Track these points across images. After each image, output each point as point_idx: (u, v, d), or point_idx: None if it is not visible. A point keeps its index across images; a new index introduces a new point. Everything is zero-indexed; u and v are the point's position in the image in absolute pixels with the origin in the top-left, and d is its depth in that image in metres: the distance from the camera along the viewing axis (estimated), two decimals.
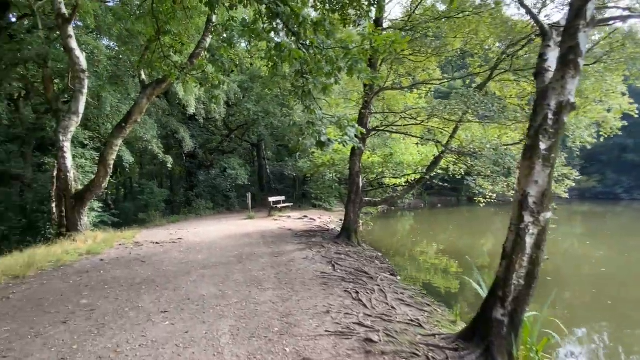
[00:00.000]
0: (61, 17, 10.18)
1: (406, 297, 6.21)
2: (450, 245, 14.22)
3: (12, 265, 8.02)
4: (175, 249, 9.87)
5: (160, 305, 5.59)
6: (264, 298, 5.84)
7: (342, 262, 8.07)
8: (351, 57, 4.74)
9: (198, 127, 21.79)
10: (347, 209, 10.30)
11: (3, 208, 15.66)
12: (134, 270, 7.79)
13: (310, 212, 18.51)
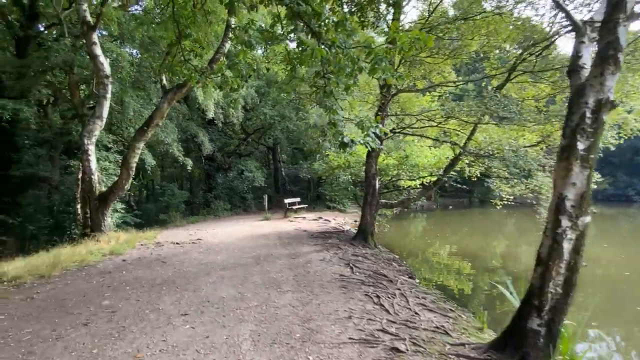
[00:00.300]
0: (86, 25, 10.13)
1: (428, 302, 5.84)
2: (465, 248, 13.72)
3: (38, 265, 7.92)
4: (195, 250, 9.67)
5: (181, 307, 5.35)
6: (284, 301, 5.55)
7: (360, 265, 7.73)
8: (374, 56, 4.42)
9: (216, 131, 21.73)
10: (363, 211, 9.96)
11: (32, 209, 15.77)
12: (155, 270, 7.60)
13: (324, 214, 18.21)
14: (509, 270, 10.79)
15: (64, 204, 14.61)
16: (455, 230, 19.53)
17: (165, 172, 25.71)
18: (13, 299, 6.02)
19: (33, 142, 16.16)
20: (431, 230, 19.35)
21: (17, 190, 14.95)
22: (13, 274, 7.37)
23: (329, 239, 10.74)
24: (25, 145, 15.30)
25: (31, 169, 14.92)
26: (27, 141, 15.65)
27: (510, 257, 12.87)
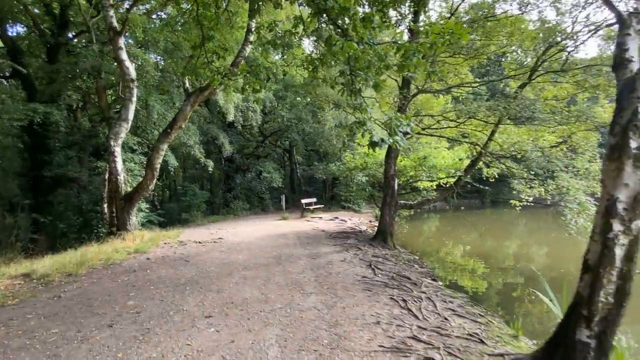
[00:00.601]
0: (112, 30, 10.05)
1: (456, 306, 5.43)
2: (482, 248, 13.18)
3: (66, 263, 7.81)
4: (217, 249, 9.45)
5: (205, 308, 5.09)
6: (308, 304, 5.23)
7: (381, 266, 7.36)
8: (404, 51, 4.06)
9: (236, 134, 21.63)
10: (382, 212, 9.57)
11: (62, 208, 15.88)
12: (179, 270, 7.38)
13: (340, 214, 17.85)
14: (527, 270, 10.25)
15: (92, 204, 14.62)
16: (470, 230, 18.90)
17: (187, 173, 25.74)
18: (41, 298, 5.87)
19: (63, 144, 16.31)
20: (446, 231, 18.78)
21: (48, 190, 15.08)
22: (42, 272, 7.27)
23: (348, 239, 10.38)
24: (56, 148, 15.43)
25: (61, 170, 15.02)
26: (58, 144, 15.79)
27: (536, 258, 12.28)
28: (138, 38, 12.60)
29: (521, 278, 9.61)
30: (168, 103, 13.99)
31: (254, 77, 6.74)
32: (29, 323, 4.76)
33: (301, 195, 25.44)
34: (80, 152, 16.88)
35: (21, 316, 5.02)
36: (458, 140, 10.24)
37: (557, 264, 11.05)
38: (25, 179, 15.48)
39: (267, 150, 24.47)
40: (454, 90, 11.70)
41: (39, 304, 5.54)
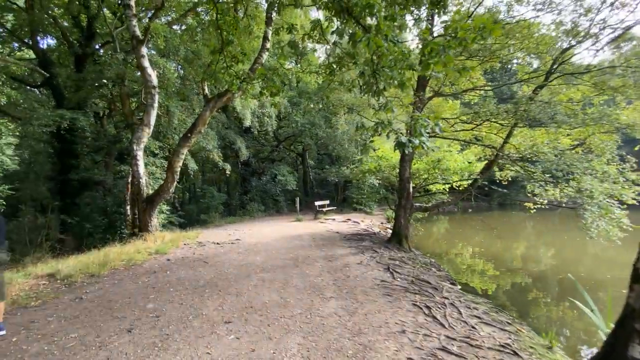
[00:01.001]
0: (135, 39, 9.89)
1: (481, 313, 4.97)
2: (497, 251, 12.57)
3: (89, 264, 7.60)
4: (235, 250, 9.14)
5: (224, 313, 4.74)
6: (328, 309, 4.84)
7: (399, 269, 6.92)
8: (432, 48, 3.67)
9: (252, 139, 21.42)
10: (397, 214, 9.12)
11: (89, 209, 15.85)
12: (198, 271, 7.08)
13: (352, 215, 17.41)
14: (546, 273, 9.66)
15: (116, 205, 14.54)
16: (481, 232, 18.20)
17: (205, 176, 25.66)
18: (63, 299, 5.62)
19: (90, 149, 16.33)
20: (457, 233, 18.13)
21: (75, 192, 15.05)
22: (66, 272, 7.05)
23: (363, 241, 9.95)
24: (83, 152, 15.44)
25: (88, 174, 15.00)
26: (85, 149, 15.81)
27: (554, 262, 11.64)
28: (160, 47, 12.46)
29: (540, 281, 9.05)
30: (188, 109, 13.83)
31: (271, 81, 6.46)
32: (50, 326, 4.49)
33: (314, 197, 25.08)
34: (105, 156, 16.88)
35: (42, 318, 4.77)
36: (473, 143, 9.71)
37: (575, 267, 10.41)
38: (54, 182, 15.51)
39: (282, 154, 24.21)
40: (465, 94, 11.21)
41: (60, 306, 5.29)
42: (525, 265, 10.73)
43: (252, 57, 11.20)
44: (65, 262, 8.05)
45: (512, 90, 14.47)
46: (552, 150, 8.13)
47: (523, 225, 22.89)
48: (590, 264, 11.13)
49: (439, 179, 10.49)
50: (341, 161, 19.37)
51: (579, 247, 13.65)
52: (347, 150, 18.71)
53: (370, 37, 3.50)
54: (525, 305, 7.09)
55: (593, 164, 8.53)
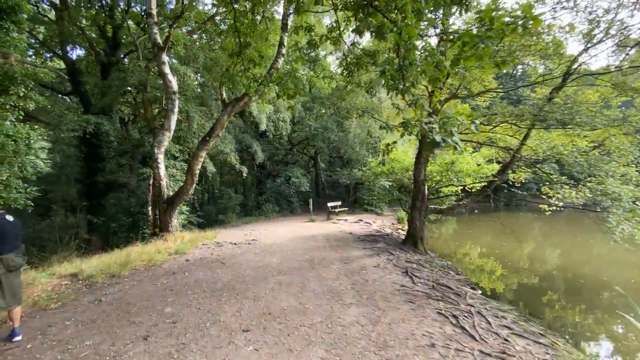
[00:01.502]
0: (157, 46, 9.63)
1: (510, 323, 4.42)
2: (510, 253, 11.86)
3: (111, 264, 7.30)
4: (251, 251, 8.74)
5: (242, 320, 4.31)
6: (350, 317, 4.36)
7: (418, 273, 6.39)
8: (465, 41, 3.17)
9: (267, 143, 21.10)
10: (411, 216, 8.58)
11: (114, 210, 15.76)
12: (215, 272, 6.68)
13: (364, 216, 16.87)
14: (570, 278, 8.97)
15: (139, 206, 14.35)
16: (489, 233, 17.44)
17: (223, 178, 25.46)
18: (83, 301, 5.29)
19: (115, 153, 16.23)
20: (467, 234, 17.39)
21: (101, 194, 14.94)
22: (88, 273, 6.76)
23: (377, 242, 9.43)
24: (109, 156, 15.32)
25: (113, 176, 14.87)
26: (111, 152, 15.71)
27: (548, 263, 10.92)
28: (180, 54, 12.20)
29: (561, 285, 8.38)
30: (207, 114, 13.56)
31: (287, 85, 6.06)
32: (66, 331, 4.14)
33: (325, 198, 24.60)
34: (130, 160, 16.77)
35: (60, 322, 4.42)
36: (489, 145, 9.08)
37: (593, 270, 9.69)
38: (82, 184, 15.43)
39: (295, 157, 23.81)
40: (479, 97, 10.59)
41: (79, 308, 4.95)
42: (540, 267, 10.04)
43: (269, 62, 10.85)
44: (89, 261, 7.79)
45: (523, 93, 13.71)
46: (572, 152, 7.47)
47: (531, 226, 21.96)
48: (605, 265, 10.37)
49: (455, 182, 9.89)
50: (352, 164, 18.85)
51: (592, 248, 12.84)
52: (359, 153, 18.19)
53: (401, 26, 3.02)
54: (552, 312, 6.48)
55: (613, 166, 7.85)
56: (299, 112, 17.73)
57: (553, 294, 7.54)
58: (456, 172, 9.79)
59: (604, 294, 7.55)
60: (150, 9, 9.56)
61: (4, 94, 8.61)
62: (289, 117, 16.89)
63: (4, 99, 8.54)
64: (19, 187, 8.84)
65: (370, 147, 18.55)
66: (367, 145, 18.52)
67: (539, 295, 7.55)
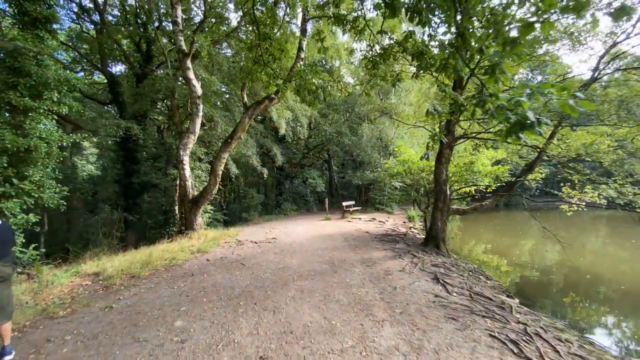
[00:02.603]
0: (182, 53, 8.74)
1: (577, 349, 3.16)
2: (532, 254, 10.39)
3: (134, 263, 6.39)
4: (271, 250, 7.66)
5: (259, 341, 3.22)
6: (386, 341, 3.19)
7: (448, 280, 5.14)
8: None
9: (285, 147, 20.12)
10: (433, 217, 7.33)
11: (147, 208, 15.10)
12: (234, 275, 5.63)
13: (376, 215, 15.60)
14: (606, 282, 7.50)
15: (169, 205, 13.59)
16: (501, 233, 15.86)
17: (247, 179, 24.60)
18: (93, 308, 4.31)
19: (149, 156, 15.57)
20: (475, 233, 15.84)
21: (136, 194, 14.24)
22: (109, 272, 5.86)
23: (396, 242, 8.20)
24: (143, 159, 14.64)
25: (146, 178, 14.17)
26: (145, 156, 15.04)
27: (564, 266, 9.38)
28: (204, 60, 11.31)
29: (601, 287, 6.93)
30: (231, 120, 12.63)
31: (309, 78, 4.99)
32: (62, 350, 3.15)
33: (338, 198, 23.43)
34: (165, 164, 16.12)
35: (60, 337, 3.45)
36: (514, 144, 7.72)
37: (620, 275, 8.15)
38: (120, 184, 14.78)
39: (312, 160, 22.73)
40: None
41: (87, 317, 3.97)
42: (564, 270, 8.57)
43: (290, 60, 9.74)
44: (115, 259, 6.92)
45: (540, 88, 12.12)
46: (608, 150, 6.08)
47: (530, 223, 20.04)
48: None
49: (472, 181, 8.57)
50: (365, 166, 17.61)
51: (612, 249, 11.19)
52: (370, 155, 16.93)
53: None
54: (603, 326, 5.11)
55: None
56: (315, 118, 16.66)
57: (606, 306, 6.09)
58: (474, 173, 8.47)
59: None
60: (176, 17, 8.69)
61: (38, 98, 7.87)
62: (306, 123, 15.82)
63: (38, 103, 7.78)
64: (52, 187, 8.08)
65: (382, 150, 17.28)
66: (378, 148, 17.25)
67: (586, 303, 6.15)
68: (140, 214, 14.69)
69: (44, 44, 8.24)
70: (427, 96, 8.79)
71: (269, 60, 5.13)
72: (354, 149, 17.47)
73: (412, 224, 14.37)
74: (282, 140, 18.37)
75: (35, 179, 7.58)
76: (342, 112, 17.54)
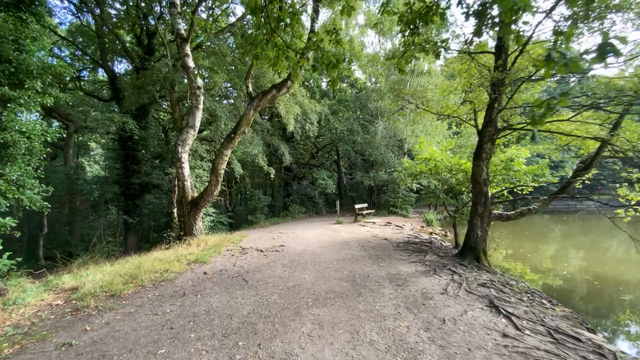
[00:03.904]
0: (180, 37, 7.72)
1: None
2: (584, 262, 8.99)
3: (118, 277, 5.34)
4: (279, 261, 6.52)
5: None
6: None
7: (510, 307, 3.91)
8: None
9: (292, 147, 19.04)
10: (471, 224, 6.07)
11: (148, 210, 14.19)
12: (234, 297, 4.50)
13: (391, 219, 14.34)
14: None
15: (170, 207, 12.62)
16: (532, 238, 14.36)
17: (253, 180, 23.58)
18: (48, 345, 3.24)
19: (151, 156, 14.67)
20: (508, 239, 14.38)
21: (136, 195, 13.31)
22: (86, 290, 4.83)
23: (423, 252, 6.97)
24: (144, 158, 13.71)
25: (147, 178, 13.23)
26: (147, 155, 14.12)
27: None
28: (205, 44, 10.27)
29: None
30: (235, 115, 11.58)
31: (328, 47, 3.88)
32: None
33: (347, 200, 22.21)
34: (169, 164, 15.23)
35: None
36: (570, 136, 6.36)
37: None
38: (119, 185, 13.88)
39: (321, 160, 21.57)
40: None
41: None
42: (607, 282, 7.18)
43: (304, 30, 8.52)
44: (100, 270, 5.87)
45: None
46: None
47: (552, 227, 18.46)
48: None
49: (511, 182, 7.29)
50: (378, 166, 16.37)
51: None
52: (384, 155, 15.67)
53: None
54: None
55: None
56: (325, 115, 15.51)
57: None
58: (513, 172, 7.18)
59: None
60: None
61: (19, 87, 6.92)
62: (316, 119, 14.68)
63: (19, 92, 6.81)
64: (33, 187, 7.09)
65: (396, 149, 16.00)
66: (392, 147, 15.98)
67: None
68: (140, 216, 13.78)
69: (28, 27, 7.35)
70: (452, 86, 7.52)
71: (277, 26, 4.01)
72: (366, 147, 16.24)
73: (431, 228, 13.06)
74: (289, 139, 17.29)
75: (13, 178, 6.63)
76: (353, 108, 16.37)
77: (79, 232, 17.57)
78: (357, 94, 16.02)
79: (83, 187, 17.73)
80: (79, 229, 17.79)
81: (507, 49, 6.07)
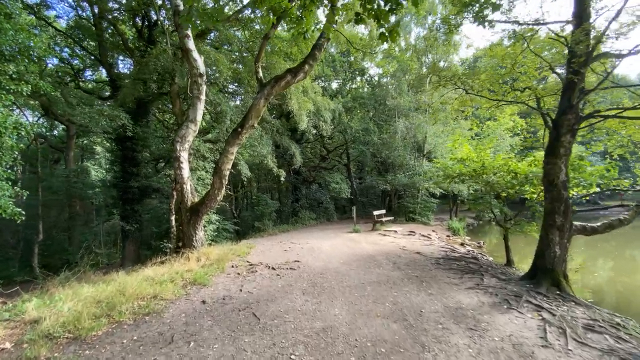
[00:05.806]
0: (178, 15, 6.50)
1: None
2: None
3: (92, 306, 4.04)
4: (297, 286, 5.14)
5: None
6: None
7: None
8: None
9: (302, 149, 17.73)
10: (547, 240, 4.58)
11: (147, 217, 13.00)
12: (240, 348, 3.17)
13: (412, 227, 12.83)
14: None
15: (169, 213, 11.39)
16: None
17: (260, 184, 22.29)
18: None
19: (152, 158, 13.51)
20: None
21: (135, 200, 12.10)
22: (45, 327, 3.58)
23: (477, 273, 5.53)
24: (144, 160, 12.55)
25: (147, 181, 12.04)
26: (147, 156, 12.96)
27: None
28: (200, 27, 9.08)
29: None
30: (242, 110, 10.34)
31: None
32: None
33: (358, 205, 20.74)
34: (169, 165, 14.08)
35: None
36: None
37: None
38: (117, 189, 12.70)
39: (333, 163, 20.20)
40: None
41: None
42: None
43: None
44: (76, 293, 4.59)
45: None
46: None
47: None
48: None
49: (585, 184, 5.85)
50: (395, 169, 14.94)
51: None
52: (403, 157, 14.23)
53: None
54: None
55: None
56: (339, 112, 14.16)
57: None
58: (583, 173, 5.75)
59: None
60: None
61: None
62: (330, 117, 13.35)
63: None
64: (3, 189, 5.87)
65: (415, 151, 14.53)
66: (411, 148, 14.52)
67: None
68: (140, 222, 12.59)
69: (2, 2, 6.25)
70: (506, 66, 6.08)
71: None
72: (383, 148, 14.82)
73: (459, 238, 11.54)
74: (299, 140, 15.99)
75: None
76: (369, 106, 15.05)
77: (78, 237, 16.43)
78: (373, 91, 14.74)
79: (83, 191, 16.67)
80: (78, 234, 16.65)
81: (589, 15, 4.72)
